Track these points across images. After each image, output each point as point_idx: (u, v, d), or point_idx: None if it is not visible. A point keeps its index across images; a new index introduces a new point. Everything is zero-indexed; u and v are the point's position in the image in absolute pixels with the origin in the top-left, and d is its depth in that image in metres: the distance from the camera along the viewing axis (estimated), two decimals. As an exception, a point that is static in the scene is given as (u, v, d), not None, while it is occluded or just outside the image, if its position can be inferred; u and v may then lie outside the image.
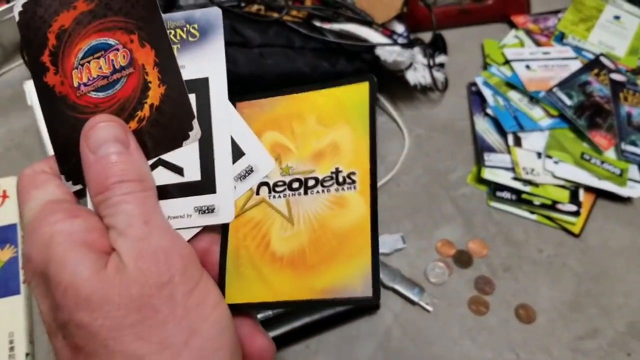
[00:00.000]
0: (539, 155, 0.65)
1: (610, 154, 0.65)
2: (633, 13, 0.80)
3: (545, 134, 0.66)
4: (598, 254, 0.61)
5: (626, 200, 0.64)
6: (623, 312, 0.57)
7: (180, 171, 0.29)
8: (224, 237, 0.30)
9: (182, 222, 0.29)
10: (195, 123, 0.29)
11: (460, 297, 0.57)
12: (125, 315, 0.24)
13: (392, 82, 0.67)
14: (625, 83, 0.70)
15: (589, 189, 0.64)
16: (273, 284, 0.29)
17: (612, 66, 0.72)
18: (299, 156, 0.31)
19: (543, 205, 0.62)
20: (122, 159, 0.27)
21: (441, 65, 0.70)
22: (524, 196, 0.63)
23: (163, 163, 0.29)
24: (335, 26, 0.63)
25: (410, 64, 0.65)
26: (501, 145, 0.66)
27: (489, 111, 0.68)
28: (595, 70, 0.71)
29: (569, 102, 0.68)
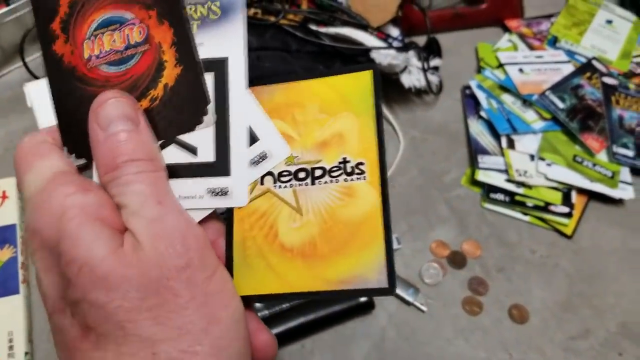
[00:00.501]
0: (532, 157, 0.66)
1: (602, 156, 0.66)
2: (625, 17, 0.81)
3: (538, 137, 0.67)
4: (590, 255, 0.61)
5: (618, 202, 0.65)
6: (615, 312, 0.58)
7: (193, 151, 0.28)
8: (228, 228, 0.29)
9: (193, 202, 0.28)
10: (210, 108, 0.28)
11: (454, 297, 0.58)
12: (143, 297, 0.23)
13: (387, 85, 0.68)
14: (617, 86, 0.71)
15: (581, 191, 0.64)
16: (284, 275, 0.28)
17: (604, 70, 0.73)
18: (302, 145, 0.30)
19: (536, 207, 0.63)
20: (132, 137, 0.26)
21: (435, 68, 0.71)
22: (517, 198, 0.64)
23: (176, 141, 0.28)
24: (331, 30, 0.64)
25: (405, 67, 0.66)
26: (495, 147, 0.67)
27: (482, 114, 0.69)
28: (588, 74, 0.72)
29: (561, 105, 0.69)
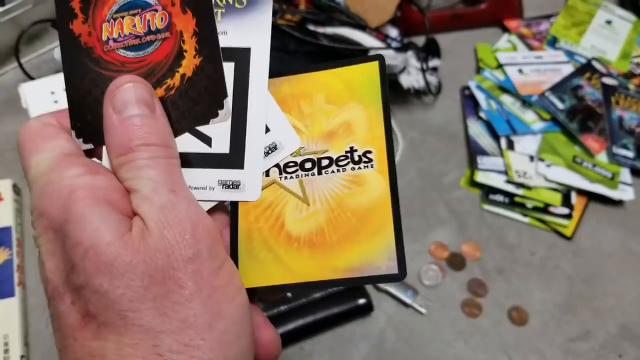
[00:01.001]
0: (532, 158, 0.65)
1: (602, 157, 0.66)
2: (625, 18, 0.80)
3: (537, 138, 0.67)
4: (590, 256, 0.61)
5: (618, 203, 0.65)
6: (615, 313, 0.57)
7: (208, 141, 0.27)
8: (233, 219, 0.29)
9: (203, 193, 0.27)
10: (228, 102, 0.27)
11: (453, 299, 0.57)
12: (148, 286, 0.22)
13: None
14: (617, 87, 0.71)
15: (581, 192, 0.64)
16: (291, 266, 0.27)
17: (604, 70, 0.73)
18: (309, 136, 0.30)
19: (535, 208, 0.63)
20: (147, 122, 0.25)
21: (434, 69, 0.71)
22: (516, 199, 0.63)
23: (191, 130, 0.27)
24: (329, 30, 0.63)
25: (404, 68, 0.66)
26: (494, 148, 0.67)
27: (482, 115, 0.69)
28: (587, 75, 0.72)
29: (561, 105, 0.68)
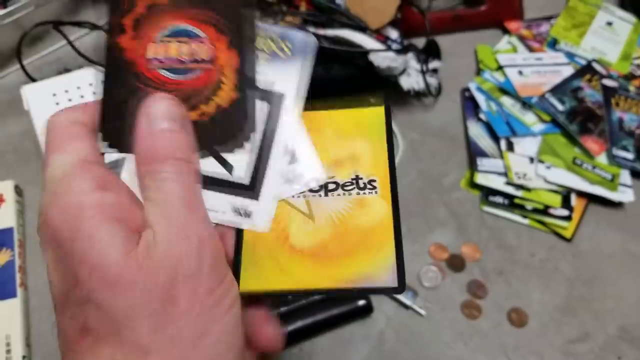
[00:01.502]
0: (532, 160, 0.65)
1: (602, 159, 0.66)
2: (625, 19, 0.81)
3: (537, 139, 0.67)
4: (590, 258, 0.61)
5: (617, 205, 0.65)
6: (614, 315, 0.57)
7: (229, 168, 0.29)
8: (238, 230, 0.30)
9: (214, 215, 0.28)
10: (255, 137, 0.29)
11: (453, 301, 0.57)
12: (147, 303, 0.23)
13: (386, 87, 0.68)
14: (617, 89, 0.71)
15: (580, 194, 0.64)
16: (292, 273, 0.29)
17: (604, 72, 0.73)
18: None
19: (535, 210, 0.63)
20: (177, 137, 0.27)
21: (435, 70, 0.71)
22: (516, 201, 0.63)
23: (215, 154, 0.29)
24: (330, 32, 0.64)
25: (404, 70, 0.66)
26: (494, 150, 0.67)
27: (482, 116, 0.69)
28: (588, 76, 0.72)
29: (561, 107, 0.68)
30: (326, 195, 0.31)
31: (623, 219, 0.64)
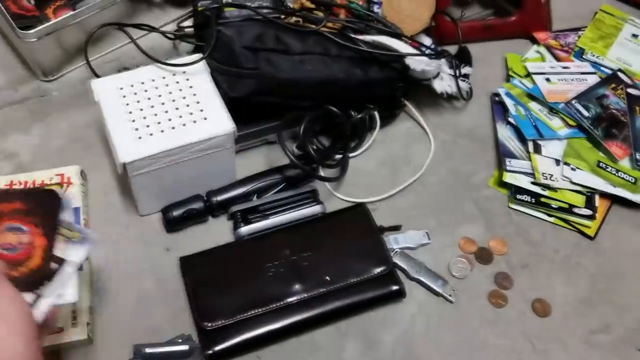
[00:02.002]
0: (557, 162, 0.69)
1: (625, 163, 0.69)
2: (650, 32, 0.84)
3: (563, 143, 0.71)
4: (611, 255, 0.64)
5: (639, 206, 0.68)
6: (634, 310, 0.60)
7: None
8: None
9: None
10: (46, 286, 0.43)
11: (480, 290, 0.61)
12: None
13: (418, 89, 0.72)
14: (641, 97, 0.74)
15: (604, 195, 0.68)
16: None
17: (629, 81, 0.76)
18: None
19: (560, 209, 0.66)
20: None
21: (466, 75, 0.75)
22: (542, 200, 0.67)
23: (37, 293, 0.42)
24: (368, 37, 0.68)
25: (438, 74, 0.70)
26: (522, 151, 0.70)
27: (510, 120, 0.73)
28: (612, 85, 0.75)
29: (586, 113, 0.72)
30: None
31: (645, 220, 0.67)
